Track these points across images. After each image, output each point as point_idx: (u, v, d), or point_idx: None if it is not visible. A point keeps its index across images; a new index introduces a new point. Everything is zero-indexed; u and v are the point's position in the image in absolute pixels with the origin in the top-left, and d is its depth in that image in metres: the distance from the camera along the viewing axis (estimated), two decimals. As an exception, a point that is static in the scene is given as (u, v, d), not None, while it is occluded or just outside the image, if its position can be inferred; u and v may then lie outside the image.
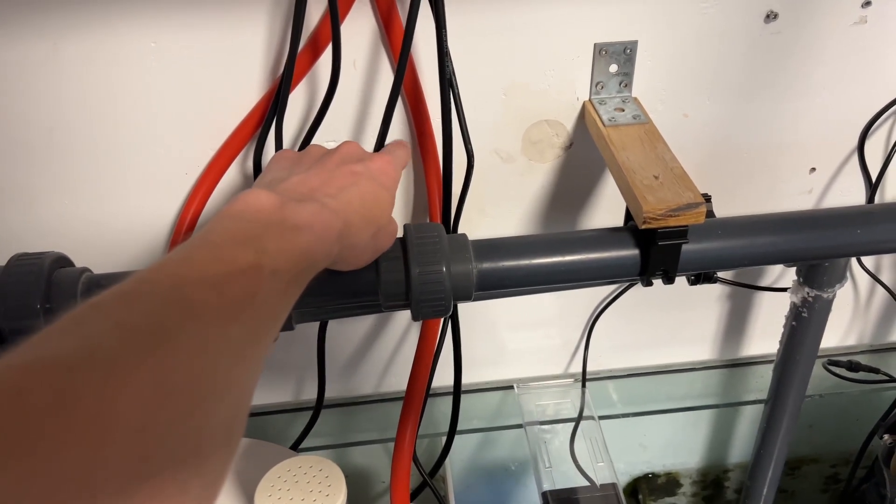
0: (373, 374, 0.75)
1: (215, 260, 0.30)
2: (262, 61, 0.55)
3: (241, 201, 0.35)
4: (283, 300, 0.33)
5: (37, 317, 0.46)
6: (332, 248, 0.37)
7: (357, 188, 0.41)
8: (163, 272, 0.29)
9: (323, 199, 0.38)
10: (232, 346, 0.28)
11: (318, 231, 0.36)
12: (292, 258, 0.33)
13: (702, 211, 0.47)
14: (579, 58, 0.57)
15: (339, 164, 0.42)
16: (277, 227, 0.34)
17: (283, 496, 0.47)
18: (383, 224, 0.43)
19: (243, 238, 0.32)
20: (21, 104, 0.54)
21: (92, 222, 0.59)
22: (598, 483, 0.64)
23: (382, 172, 0.43)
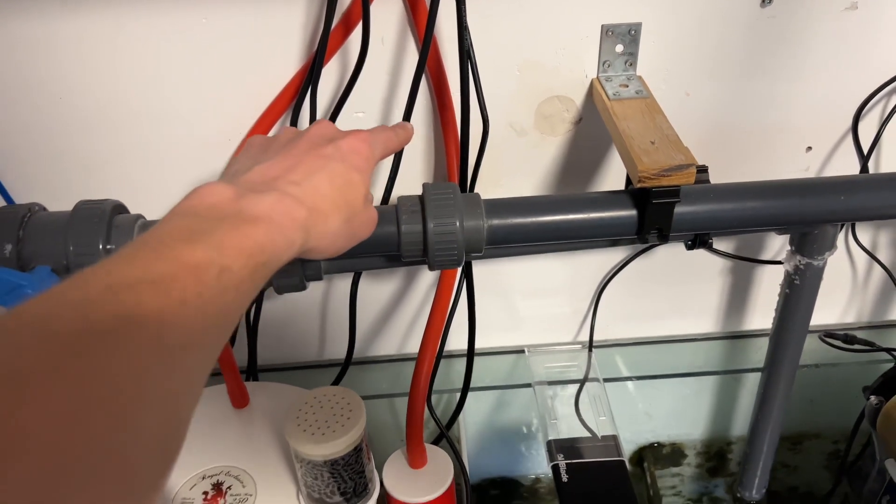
0: (396, 336, 0.81)
1: (158, 258, 0.29)
2: (300, 37, 0.61)
3: (195, 196, 0.34)
4: (236, 298, 0.31)
5: (99, 255, 0.52)
6: (296, 237, 0.36)
7: (325, 172, 0.39)
8: (99, 273, 0.27)
9: (285, 188, 0.37)
10: (168, 352, 0.26)
11: (277, 221, 0.34)
12: (246, 253, 0.32)
13: (692, 172, 0.52)
14: (588, 38, 0.62)
15: (308, 148, 0.41)
16: (232, 220, 0.33)
17: (310, 419, 0.53)
18: (357, 208, 0.41)
19: (192, 234, 0.31)
20: (82, 76, 0.61)
21: (144, 184, 0.65)
22: (599, 434, 0.68)
23: (354, 152, 0.42)
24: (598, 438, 0.68)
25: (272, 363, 0.80)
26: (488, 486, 0.94)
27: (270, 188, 0.36)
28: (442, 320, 0.61)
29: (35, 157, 0.63)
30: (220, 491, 0.58)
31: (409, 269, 0.76)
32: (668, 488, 0.96)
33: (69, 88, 0.61)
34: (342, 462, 0.52)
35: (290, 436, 0.52)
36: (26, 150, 0.63)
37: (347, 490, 0.54)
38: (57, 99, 0.61)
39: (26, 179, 0.64)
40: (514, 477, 0.94)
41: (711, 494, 0.98)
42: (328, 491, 0.54)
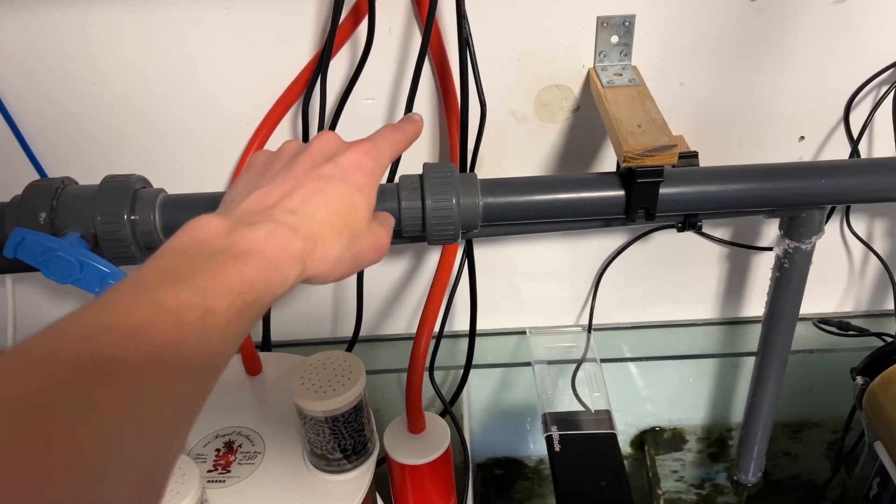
0: (404, 316, 0.85)
1: (137, 303, 0.28)
2: (313, 28, 0.65)
3: (186, 231, 0.33)
4: (223, 340, 0.30)
5: (124, 225, 0.57)
6: (291, 270, 0.34)
7: (323, 195, 0.38)
8: (75, 322, 0.27)
9: (281, 217, 0.36)
10: (144, 406, 0.25)
11: (270, 255, 0.33)
12: (233, 292, 0.31)
13: (675, 152, 0.55)
14: (584, 29, 0.65)
15: (308, 168, 0.39)
16: (220, 257, 0.32)
17: (314, 379, 0.57)
18: (359, 230, 0.40)
19: (177, 275, 0.30)
20: (112, 63, 0.65)
21: (167, 162, 0.70)
22: (592, 409, 0.72)
23: (356, 168, 0.40)
24: (592, 413, 0.71)
25: (285, 339, 0.85)
26: (493, 465, 0.98)
27: (265, 218, 0.35)
28: (442, 292, 0.64)
29: (68, 136, 0.69)
30: (231, 449, 0.63)
31: (416, 252, 0.80)
32: (669, 473, 0.98)
33: (100, 74, 0.66)
34: (342, 419, 0.56)
35: (294, 393, 0.56)
36: (60, 130, 0.68)
37: (347, 447, 0.58)
38: (90, 84, 0.66)
39: (60, 157, 0.69)
40: (519, 457, 0.97)
41: (713, 481, 1.00)
42: (329, 447, 0.58)
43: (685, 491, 0.99)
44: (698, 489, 1.00)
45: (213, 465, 0.61)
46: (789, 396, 0.88)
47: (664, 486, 0.97)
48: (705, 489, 1.00)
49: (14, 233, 0.52)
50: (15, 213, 0.56)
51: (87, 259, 0.53)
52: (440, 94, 0.68)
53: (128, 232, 0.57)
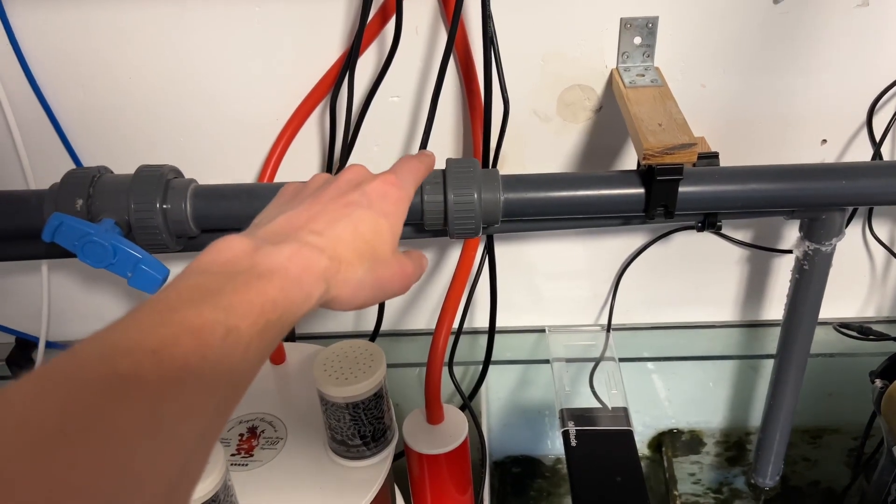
0: (426, 312, 0.86)
1: (160, 323, 0.28)
2: (341, 27, 0.67)
3: (210, 251, 0.34)
4: (245, 358, 0.30)
5: (156, 213, 0.59)
6: (314, 289, 0.35)
7: (349, 220, 0.39)
8: (99, 342, 0.27)
9: (306, 238, 0.36)
10: (164, 426, 0.25)
11: (293, 274, 0.34)
12: (256, 311, 0.31)
13: (694, 151, 0.56)
14: (607, 30, 0.66)
15: (336, 195, 0.41)
16: (244, 276, 0.32)
17: (336, 367, 0.58)
18: (383, 256, 0.40)
19: (201, 294, 0.30)
20: (148, 59, 0.68)
21: (199, 154, 0.72)
22: (609, 406, 0.72)
23: (382, 197, 0.41)
24: (609, 409, 0.72)
25: (309, 332, 0.86)
26: (511, 463, 0.98)
27: (290, 239, 0.36)
28: (462, 286, 0.66)
29: (104, 128, 0.71)
30: (254, 434, 0.64)
31: (439, 248, 0.81)
32: (687, 476, 0.98)
33: (136, 70, 0.68)
34: (362, 406, 0.58)
35: (316, 379, 0.57)
36: (97, 122, 0.71)
37: (366, 434, 0.59)
38: (126, 79, 0.69)
39: (96, 148, 0.72)
40: (537, 456, 0.98)
41: (731, 485, 0.99)
42: (349, 434, 0.59)
43: (702, 494, 0.99)
44: (716, 493, 0.99)
45: (237, 449, 0.63)
46: (809, 401, 0.88)
47: (681, 489, 0.97)
48: (723, 493, 0.99)
49: (52, 217, 0.54)
50: (53, 200, 0.58)
51: (120, 245, 0.55)
52: (464, 92, 0.69)
53: (160, 220, 0.59)
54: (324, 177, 0.45)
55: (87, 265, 0.56)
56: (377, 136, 0.72)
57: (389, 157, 0.73)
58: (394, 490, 0.73)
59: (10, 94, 0.69)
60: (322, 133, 0.72)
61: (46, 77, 0.69)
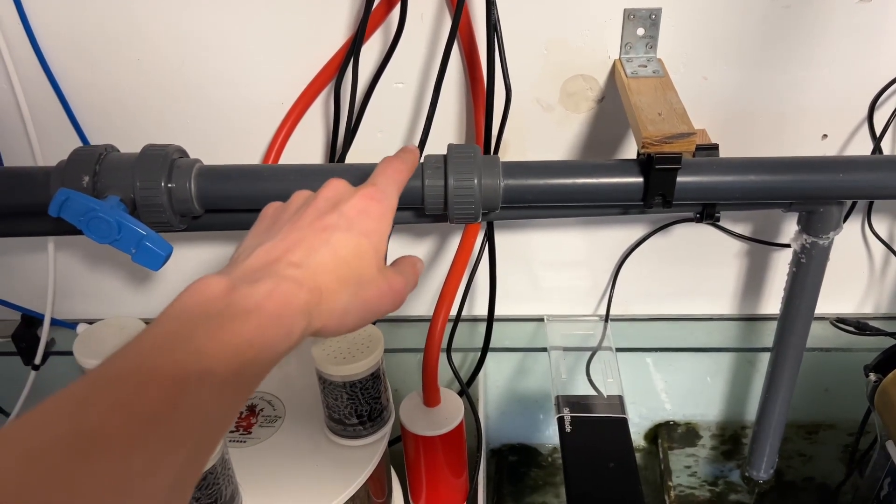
0: (427, 298, 0.87)
1: (131, 373, 0.28)
2: (346, 13, 0.67)
3: (185, 295, 0.33)
4: (220, 403, 0.29)
5: (161, 192, 0.60)
6: (295, 324, 0.34)
7: (328, 246, 0.37)
8: (66, 397, 0.27)
9: (284, 271, 0.35)
10: (132, 483, 0.25)
11: (271, 312, 0.33)
12: (230, 352, 0.30)
13: (693, 140, 0.57)
14: (611, 20, 0.67)
15: (314, 218, 0.39)
16: (219, 318, 0.31)
17: (334, 347, 0.59)
18: (367, 278, 0.39)
19: (174, 341, 0.30)
20: (156, 41, 0.69)
21: (204, 135, 0.73)
22: (605, 394, 0.73)
23: (362, 214, 0.40)
24: (604, 397, 0.73)
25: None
26: (507, 451, 0.99)
27: (268, 273, 0.35)
28: (462, 270, 0.66)
29: (112, 108, 0.72)
30: (253, 412, 0.65)
31: (440, 235, 0.82)
32: (682, 468, 0.99)
33: (145, 51, 0.69)
34: (359, 385, 0.59)
35: (315, 358, 0.58)
36: (105, 102, 0.72)
37: (363, 413, 0.60)
38: (134, 60, 0.70)
39: (103, 127, 0.73)
40: (533, 444, 0.99)
41: (726, 478, 1.00)
42: (346, 413, 0.60)
43: (698, 486, 1.00)
44: (711, 486, 1.00)
45: (235, 426, 0.64)
46: (805, 396, 0.88)
47: (676, 481, 0.98)
48: (718, 486, 1.00)
49: (59, 192, 0.55)
50: (60, 176, 0.59)
51: (125, 221, 0.56)
52: (468, 79, 0.70)
53: (164, 198, 0.60)
54: (303, 196, 0.43)
55: (93, 242, 0.57)
56: (381, 121, 0.73)
57: (393, 142, 0.74)
58: (390, 473, 0.74)
59: (21, 73, 0.70)
60: (326, 117, 0.73)
61: (56, 57, 0.69)
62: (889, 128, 0.71)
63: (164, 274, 0.84)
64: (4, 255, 0.84)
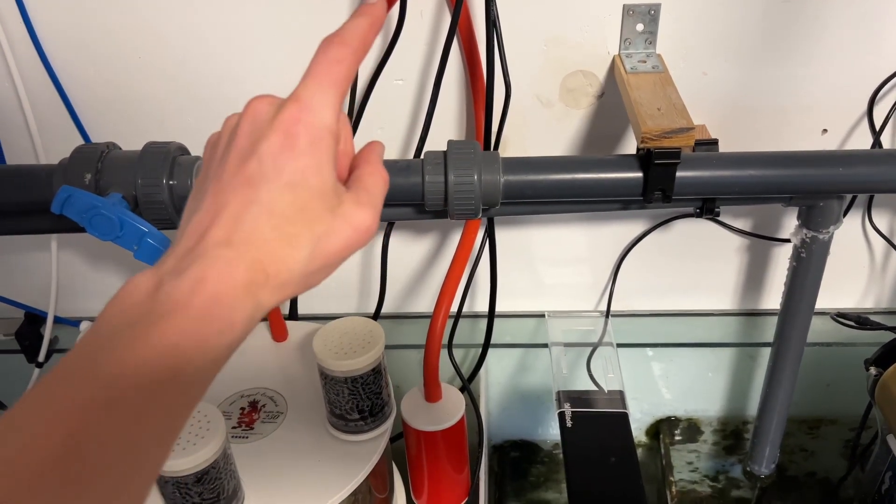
0: (428, 295, 0.87)
1: (41, 403, 0.26)
2: (347, 10, 0.67)
3: (111, 302, 0.29)
4: (141, 428, 0.26)
5: (163, 189, 0.60)
6: (236, 311, 0.29)
7: (259, 206, 0.30)
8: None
9: (214, 251, 0.29)
10: None
11: (199, 305, 0.28)
12: (149, 364, 0.27)
13: (692, 135, 0.57)
14: (610, 16, 0.67)
15: (236, 166, 0.32)
16: (140, 325, 0.28)
17: (336, 342, 0.59)
18: (321, 229, 0.31)
19: (82, 365, 0.27)
20: (158, 37, 0.69)
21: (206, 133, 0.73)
22: (606, 389, 0.73)
23: (286, 151, 0.31)
24: (605, 392, 0.73)
25: (311, 313, 0.87)
26: (509, 447, 0.99)
27: (195, 258, 0.29)
28: (462, 266, 0.67)
29: (114, 106, 0.72)
30: (255, 408, 0.66)
31: (441, 232, 0.82)
32: (684, 464, 0.99)
33: (146, 49, 0.70)
34: (361, 380, 0.59)
35: (317, 354, 0.58)
36: (107, 100, 0.72)
37: (364, 409, 0.61)
38: (136, 58, 0.70)
39: (105, 125, 0.73)
40: (535, 440, 0.99)
41: (728, 473, 1.00)
42: (348, 408, 0.60)
43: (699, 482, 1.00)
44: (713, 481, 1.00)
45: (238, 422, 0.64)
46: (806, 391, 0.88)
47: (678, 477, 0.98)
48: (720, 481, 1.00)
49: (61, 190, 0.55)
50: (62, 174, 0.60)
51: (127, 218, 0.56)
52: (467, 76, 0.70)
53: (166, 195, 0.60)
54: (230, 125, 0.35)
55: (95, 239, 0.57)
56: (381, 118, 0.73)
57: (393, 139, 0.74)
58: (392, 468, 0.74)
59: (23, 71, 0.70)
60: (327, 115, 0.73)
61: (58, 54, 0.70)
62: (889, 122, 0.71)
63: (167, 271, 0.84)
64: (7, 253, 0.84)
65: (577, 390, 0.73)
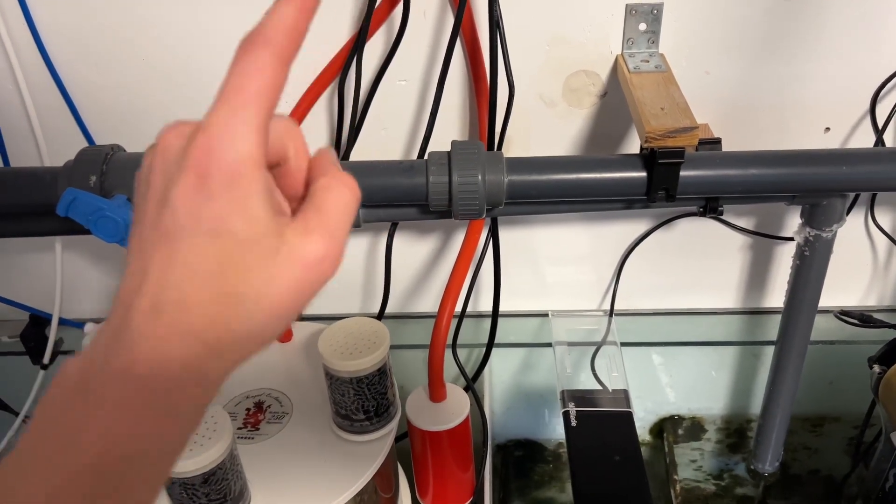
0: (432, 295, 0.87)
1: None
2: (350, 11, 0.68)
3: (44, 397, 0.27)
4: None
5: (167, 191, 0.60)
6: (178, 394, 0.26)
7: (180, 266, 0.26)
8: None
9: (142, 325, 0.26)
10: None
11: (132, 398, 0.25)
12: (73, 468, 0.24)
13: (695, 134, 0.57)
14: (613, 16, 0.67)
15: (154, 215, 0.27)
16: (65, 423, 0.25)
17: (340, 342, 0.60)
18: (262, 278, 0.26)
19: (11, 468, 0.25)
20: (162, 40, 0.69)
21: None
22: (610, 388, 0.73)
23: (200, 196, 0.26)
24: (609, 391, 0.73)
25: (315, 313, 0.88)
26: (513, 447, 1.00)
27: (124, 334, 0.26)
28: (466, 266, 0.67)
29: (117, 108, 0.73)
30: (260, 408, 0.66)
31: (444, 231, 0.82)
32: (688, 462, 0.99)
33: (150, 50, 0.70)
34: (366, 381, 0.59)
35: (322, 354, 0.59)
36: (111, 103, 0.72)
37: (370, 409, 0.61)
38: (140, 59, 0.70)
39: (109, 127, 0.73)
40: (539, 440, 0.99)
41: (732, 471, 1.00)
42: (353, 408, 0.60)
43: (703, 480, 1.00)
44: (716, 479, 1.00)
45: (243, 422, 0.65)
46: (810, 389, 0.88)
47: (682, 475, 0.98)
48: (724, 480, 1.00)
49: (67, 192, 0.55)
50: (67, 176, 0.60)
51: (132, 220, 0.57)
52: (471, 76, 0.70)
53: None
54: (146, 167, 0.29)
55: (100, 241, 0.57)
56: (385, 119, 0.73)
57: (397, 139, 0.74)
58: (397, 469, 0.74)
59: (26, 74, 0.70)
60: (330, 116, 0.73)
61: (61, 57, 0.70)
62: (891, 120, 0.71)
63: (171, 273, 0.85)
64: (12, 255, 0.84)
65: (581, 389, 0.73)
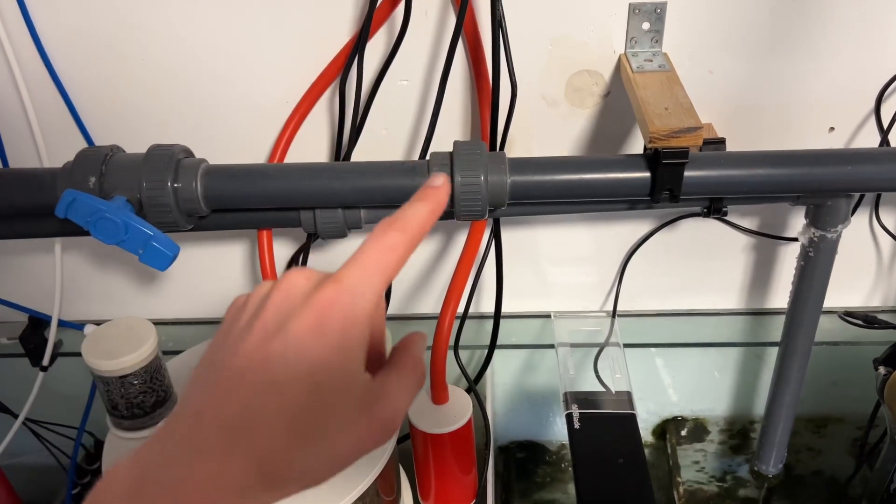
0: (434, 296, 0.87)
1: None
2: (351, 10, 0.67)
3: (92, 493, 0.27)
4: None
5: (167, 192, 0.60)
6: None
7: (274, 392, 0.28)
8: None
9: (211, 438, 0.27)
10: None
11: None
12: None
13: (700, 134, 0.56)
14: (616, 15, 0.67)
15: (260, 341, 0.29)
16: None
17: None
18: (337, 423, 0.29)
19: None
20: (160, 41, 0.69)
21: (210, 135, 0.73)
22: (613, 390, 0.73)
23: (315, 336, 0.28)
24: (612, 393, 0.73)
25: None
26: (516, 448, 0.99)
27: (189, 444, 0.27)
28: (468, 267, 0.66)
29: (117, 108, 0.72)
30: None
31: (446, 232, 0.81)
32: (691, 464, 0.99)
33: (149, 50, 0.69)
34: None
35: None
36: (109, 102, 0.72)
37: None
38: (139, 59, 0.70)
39: (108, 127, 0.73)
40: (542, 441, 0.99)
41: (735, 473, 1.00)
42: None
43: (706, 482, 1.00)
44: (720, 481, 1.00)
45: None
46: (813, 390, 0.88)
47: (685, 477, 0.98)
48: (727, 481, 1.00)
49: (66, 193, 0.55)
50: (67, 177, 0.59)
51: (131, 221, 0.56)
52: (473, 76, 0.70)
53: (171, 198, 0.60)
54: (260, 294, 0.31)
55: (100, 243, 0.57)
56: (386, 119, 0.72)
57: (398, 140, 0.74)
58: (399, 471, 0.74)
59: (25, 75, 0.70)
60: (332, 116, 0.73)
61: (60, 58, 0.69)
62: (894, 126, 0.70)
63: (172, 274, 0.84)
64: (11, 257, 0.84)
65: (584, 391, 0.73)
